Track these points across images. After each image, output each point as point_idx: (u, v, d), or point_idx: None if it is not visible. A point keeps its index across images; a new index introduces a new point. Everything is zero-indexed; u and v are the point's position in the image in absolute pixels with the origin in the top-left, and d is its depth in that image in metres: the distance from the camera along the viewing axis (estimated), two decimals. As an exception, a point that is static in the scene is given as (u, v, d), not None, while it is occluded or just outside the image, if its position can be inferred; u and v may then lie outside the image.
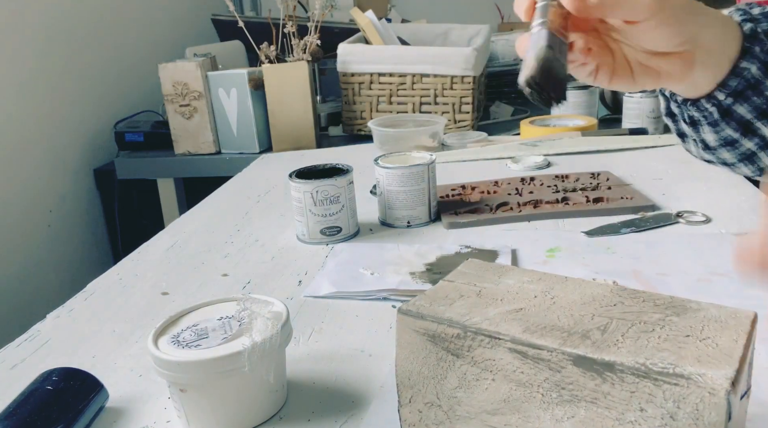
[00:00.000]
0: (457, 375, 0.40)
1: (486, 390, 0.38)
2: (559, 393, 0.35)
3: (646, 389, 0.32)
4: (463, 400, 0.40)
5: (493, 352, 0.37)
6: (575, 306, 0.40)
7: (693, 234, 0.79)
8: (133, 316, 0.70)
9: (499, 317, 0.39)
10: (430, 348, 0.40)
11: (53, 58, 1.57)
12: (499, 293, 0.42)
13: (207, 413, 0.48)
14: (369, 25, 1.50)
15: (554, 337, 0.36)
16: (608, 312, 0.38)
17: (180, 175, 1.58)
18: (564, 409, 0.35)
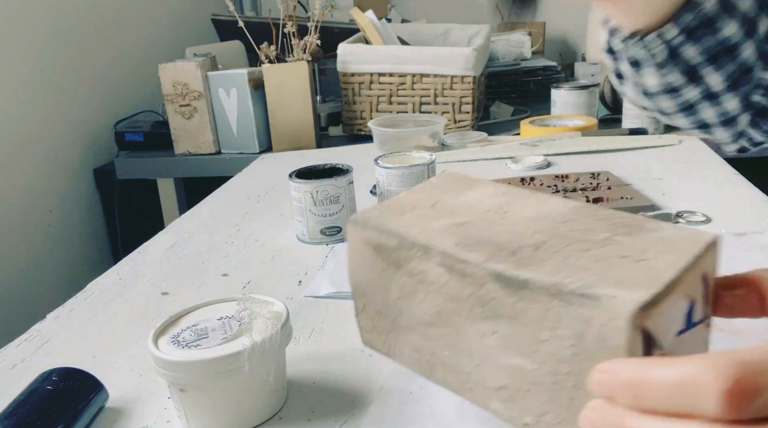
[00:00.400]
0: (398, 285, 0.39)
1: (422, 303, 0.38)
2: (483, 309, 0.35)
3: (556, 309, 0.31)
4: (404, 311, 0.40)
5: (426, 264, 0.37)
6: (523, 222, 0.38)
7: (693, 234, 0.79)
8: (133, 316, 0.70)
9: (439, 230, 0.38)
10: (374, 258, 0.40)
11: (53, 58, 1.57)
12: (453, 206, 0.42)
13: (207, 413, 0.48)
14: (369, 25, 1.50)
15: (482, 252, 0.35)
16: (553, 229, 0.37)
17: (180, 175, 1.58)
18: (488, 325, 0.35)
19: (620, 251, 0.33)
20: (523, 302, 0.33)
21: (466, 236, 0.37)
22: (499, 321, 0.34)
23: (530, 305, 0.32)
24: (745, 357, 0.25)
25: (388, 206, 0.42)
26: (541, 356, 0.32)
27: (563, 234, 0.36)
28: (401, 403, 0.51)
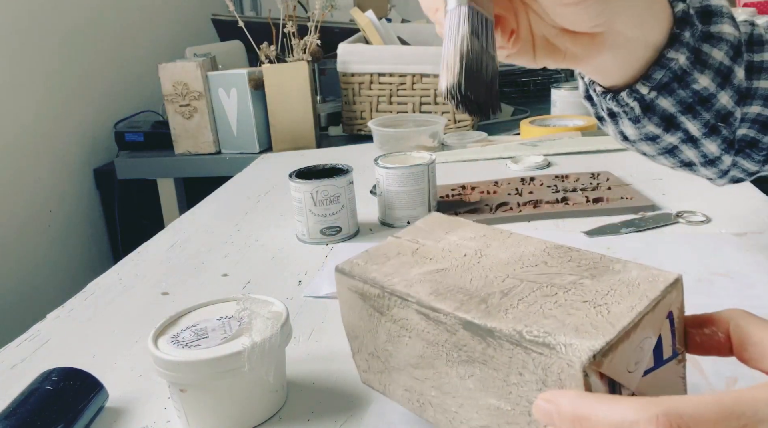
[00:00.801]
0: (385, 330, 0.42)
1: (406, 346, 0.40)
2: (458, 354, 0.37)
3: (520, 356, 0.33)
4: (392, 353, 0.42)
5: (405, 312, 0.39)
6: (497, 266, 0.40)
7: (693, 234, 0.79)
8: (133, 316, 0.70)
9: (417, 278, 0.40)
10: (361, 304, 0.43)
11: (53, 59, 1.57)
12: (433, 251, 0.44)
13: (207, 413, 0.48)
14: (369, 25, 1.50)
15: (454, 300, 0.37)
16: (524, 273, 0.39)
17: (180, 175, 1.58)
18: (465, 368, 0.37)
19: (583, 295, 0.35)
20: (491, 348, 0.35)
21: (441, 284, 0.39)
22: (474, 365, 0.36)
23: (497, 352, 0.34)
24: (682, 409, 0.27)
25: (374, 253, 0.45)
26: (514, 397, 0.34)
27: (532, 279, 0.38)
28: (401, 403, 0.51)
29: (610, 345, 0.31)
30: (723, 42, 0.50)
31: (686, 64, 0.49)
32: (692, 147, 0.56)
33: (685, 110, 0.52)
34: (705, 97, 0.52)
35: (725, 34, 0.50)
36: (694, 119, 0.53)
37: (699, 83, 0.51)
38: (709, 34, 0.50)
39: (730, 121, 0.54)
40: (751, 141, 0.57)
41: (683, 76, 0.50)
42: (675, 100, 0.51)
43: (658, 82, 0.50)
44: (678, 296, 0.35)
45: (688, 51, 0.49)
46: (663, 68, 0.49)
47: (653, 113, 0.53)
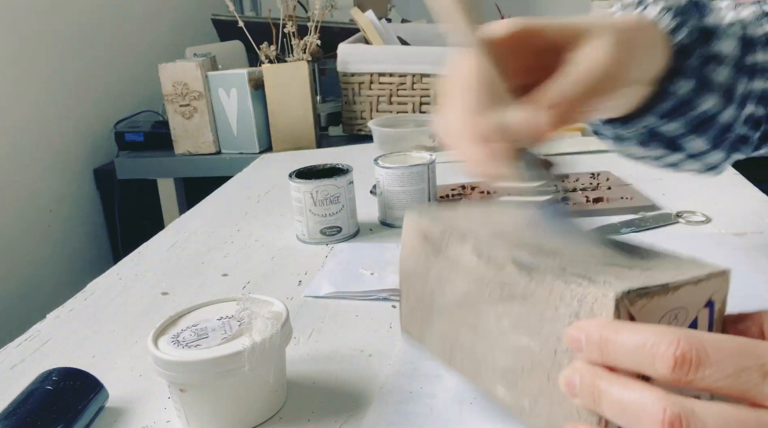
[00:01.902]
0: (436, 270, 0.44)
1: (453, 285, 0.43)
2: (501, 290, 0.39)
3: (559, 288, 0.35)
4: (437, 295, 0.45)
5: (461, 249, 0.42)
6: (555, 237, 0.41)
7: (693, 234, 0.79)
8: (133, 316, 0.70)
9: (479, 227, 0.44)
10: (422, 246, 0.46)
11: (53, 58, 1.57)
12: (499, 218, 0.46)
13: (207, 413, 0.48)
14: (369, 25, 1.50)
15: (508, 243, 0.40)
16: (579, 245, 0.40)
17: (180, 175, 1.58)
18: (504, 306, 0.39)
19: (630, 264, 0.37)
20: (534, 282, 0.36)
21: (500, 233, 0.42)
22: (513, 302, 0.38)
23: (539, 286, 0.36)
24: (702, 336, 0.29)
25: (444, 208, 0.49)
26: (545, 335, 0.36)
27: (584, 249, 0.40)
28: (401, 403, 0.51)
29: (646, 291, 0.32)
30: (724, 63, 0.50)
31: (691, 91, 0.49)
32: (695, 161, 0.57)
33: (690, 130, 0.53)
34: (709, 116, 0.52)
35: (724, 54, 0.50)
36: (699, 137, 0.54)
37: (704, 106, 0.51)
38: (710, 56, 0.50)
39: (732, 131, 0.54)
40: (741, 138, 0.57)
41: (688, 102, 0.50)
42: (681, 123, 0.52)
43: (667, 110, 0.50)
44: (722, 289, 0.36)
45: (695, 77, 0.49)
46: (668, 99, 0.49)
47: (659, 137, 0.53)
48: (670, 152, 0.55)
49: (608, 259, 0.37)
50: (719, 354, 0.28)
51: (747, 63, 0.52)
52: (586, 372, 0.31)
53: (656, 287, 0.32)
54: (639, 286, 0.32)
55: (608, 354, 0.30)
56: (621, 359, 0.30)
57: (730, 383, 0.28)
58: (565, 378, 0.32)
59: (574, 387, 0.32)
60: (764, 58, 0.53)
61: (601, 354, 0.31)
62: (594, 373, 0.31)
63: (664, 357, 0.28)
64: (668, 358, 0.28)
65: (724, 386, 0.28)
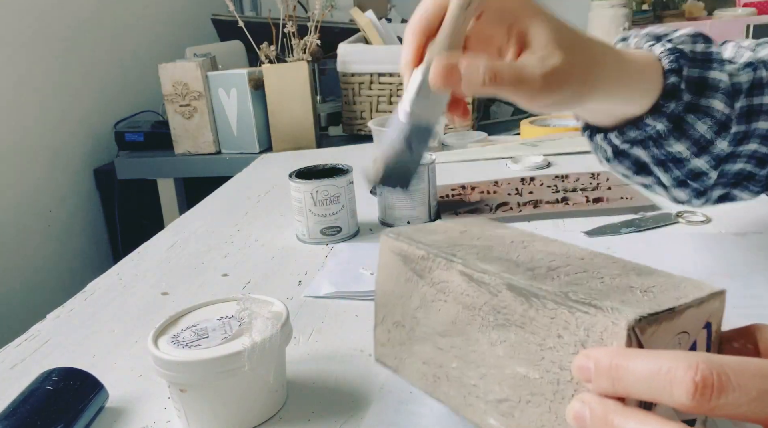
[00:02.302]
0: (419, 295, 0.42)
1: (439, 312, 0.41)
2: (495, 317, 0.37)
3: (563, 316, 0.33)
4: (421, 320, 0.42)
5: (448, 274, 0.40)
6: (543, 253, 0.41)
7: (693, 234, 0.79)
8: (133, 316, 0.70)
9: (464, 248, 0.42)
10: (401, 268, 0.44)
11: (53, 58, 1.57)
12: (480, 234, 0.45)
13: (207, 413, 0.48)
14: (369, 25, 1.50)
15: (500, 265, 0.38)
16: (570, 261, 0.39)
17: (180, 175, 1.58)
18: (498, 333, 0.37)
19: (629, 283, 0.35)
20: (533, 309, 0.35)
21: (487, 254, 0.40)
22: (509, 330, 0.36)
23: (539, 313, 0.34)
24: (720, 359, 0.27)
25: (420, 228, 0.47)
26: (546, 364, 0.34)
27: (578, 265, 0.38)
28: (401, 403, 0.51)
29: (655, 317, 0.31)
30: (709, 117, 0.50)
31: (663, 130, 0.50)
32: (663, 190, 0.58)
33: (657, 163, 0.53)
34: (679, 159, 0.53)
35: (713, 109, 0.51)
36: (665, 172, 0.54)
37: (674, 148, 0.52)
38: (697, 106, 0.50)
39: (703, 179, 0.55)
40: (748, 175, 0.58)
41: (658, 139, 0.51)
42: (648, 154, 0.53)
43: (632, 138, 0.51)
44: (719, 311, 0.35)
45: (667, 121, 0.50)
46: (638, 130, 0.50)
47: (626, 158, 0.54)
48: (634, 174, 0.56)
49: (605, 278, 0.36)
50: (741, 377, 0.26)
51: (754, 104, 0.53)
52: (597, 405, 0.29)
53: (664, 313, 0.31)
54: (649, 312, 0.31)
55: (620, 382, 0.28)
56: (634, 387, 0.28)
57: (753, 407, 0.26)
58: (574, 412, 0.30)
59: (584, 421, 0.29)
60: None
61: (612, 384, 0.29)
62: (606, 407, 0.29)
63: (683, 383, 0.26)
64: (688, 384, 0.26)
65: (747, 411, 0.26)
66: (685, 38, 0.51)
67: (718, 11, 2.34)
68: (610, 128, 0.52)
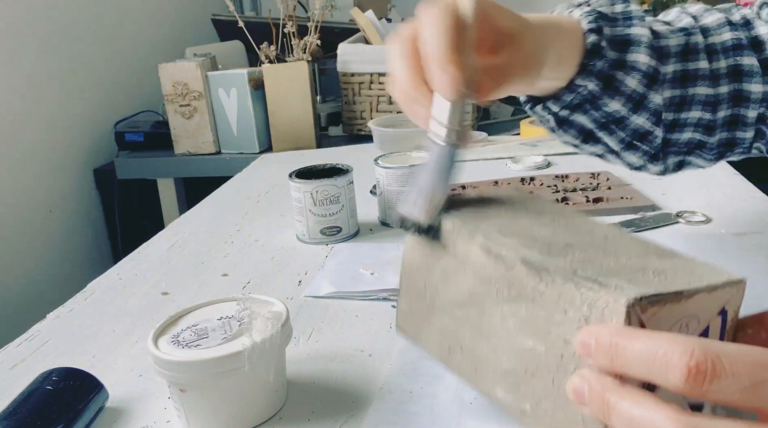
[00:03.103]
0: (441, 266, 0.43)
1: (458, 283, 0.42)
2: (509, 290, 0.38)
3: (570, 291, 0.34)
4: (441, 291, 0.43)
5: (469, 246, 0.41)
6: (565, 230, 0.41)
7: (693, 234, 0.79)
8: (133, 316, 0.70)
9: (490, 220, 0.42)
10: (427, 240, 0.44)
11: (53, 59, 1.57)
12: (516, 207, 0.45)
13: (207, 413, 0.48)
14: (369, 25, 1.50)
15: (518, 240, 0.39)
16: (592, 239, 0.39)
17: (180, 175, 1.58)
18: (510, 307, 0.38)
19: (645, 264, 0.36)
20: (543, 283, 0.35)
21: (510, 228, 0.41)
22: (521, 303, 0.37)
23: (549, 288, 0.35)
24: (718, 346, 0.27)
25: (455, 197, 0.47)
26: (552, 338, 0.35)
27: (598, 244, 0.39)
28: (401, 403, 0.51)
29: (659, 298, 0.31)
30: (636, 71, 0.52)
31: (596, 90, 0.52)
32: (615, 157, 0.59)
33: (600, 127, 0.55)
34: (618, 118, 0.54)
35: (640, 63, 0.52)
36: (610, 135, 0.55)
37: (610, 107, 0.53)
38: (623, 62, 0.52)
39: (649, 139, 0.56)
40: (698, 143, 0.59)
41: (594, 100, 0.52)
42: (590, 118, 0.54)
43: (568, 103, 0.52)
44: (737, 299, 0.35)
45: (597, 79, 0.51)
46: (572, 93, 0.52)
47: (570, 127, 0.55)
48: (583, 143, 0.57)
49: (621, 258, 0.36)
50: (735, 365, 0.27)
51: (689, 69, 0.54)
52: (596, 382, 0.30)
53: (669, 295, 0.31)
54: (652, 293, 0.31)
55: (618, 360, 0.29)
56: (631, 366, 0.29)
57: (746, 396, 0.27)
58: (574, 386, 0.31)
59: (582, 396, 0.31)
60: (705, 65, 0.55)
61: (610, 361, 0.30)
62: (603, 384, 0.30)
63: (678, 367, 0.27)
64: (682, 368, 0.27)
65: (740, 399, 0.27)
66: (603, 1, 0.53)
67: (718, 11, 2.34)
68: (547, 97, 0.54)
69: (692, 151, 0.59)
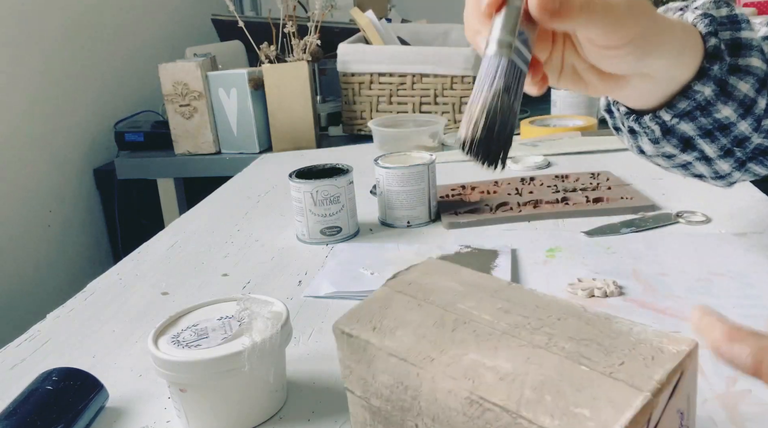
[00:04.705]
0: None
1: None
2: None
3: None
4: None
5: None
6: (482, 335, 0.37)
7: (693, 234, 0.79)
8: (133, 316, 0.70)
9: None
10: None
11: (53, 59, 1.57)
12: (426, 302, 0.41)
13: (207, 413, 0.48)
14: (369, 25, 1.50)
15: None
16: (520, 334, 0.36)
17: (180, 175, 1.58)
18: None
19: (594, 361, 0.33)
20: None
21: None
22: None
23: None
24: None
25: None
26: None
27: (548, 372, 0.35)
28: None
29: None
30: (750, 75, 0.51)
31: (711, 95, 0.50)
32: (705, 164, 0.58)
33: (704, 134, 0.53)
34: (725, 125, 0.53)
35: (753, 67, 0.51)
36: (711, 142, 0.54)
37: (721, 113, 0.51)
38: (737, 66, 0.51)
39: (746, 145, 0.55)
40: (765, 149, 0.58)
41: (707, 106, 0.51)
42: (696, 126, 0.52)
43: (681, 110, 0.51)
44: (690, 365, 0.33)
45: (714, 84, 0.49)
46: (688, 99, 0.50)
47: (672, 136, 0.54)
48: (681, 152, 0.55)
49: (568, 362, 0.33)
50: None
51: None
52: None
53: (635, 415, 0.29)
54: None
55: None
56: None
57: None
58: None
59: None
60: None
61: None
62: None
63: None
64: None
65: None
66: (709, 5, 0.52)
67: (718, 11, 2.34)
68: (652, 108, 0.52)
69: (756, 157, 0.58)
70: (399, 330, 0.39)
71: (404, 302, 0.41)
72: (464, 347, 0.36)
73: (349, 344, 0.40)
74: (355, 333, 0.39)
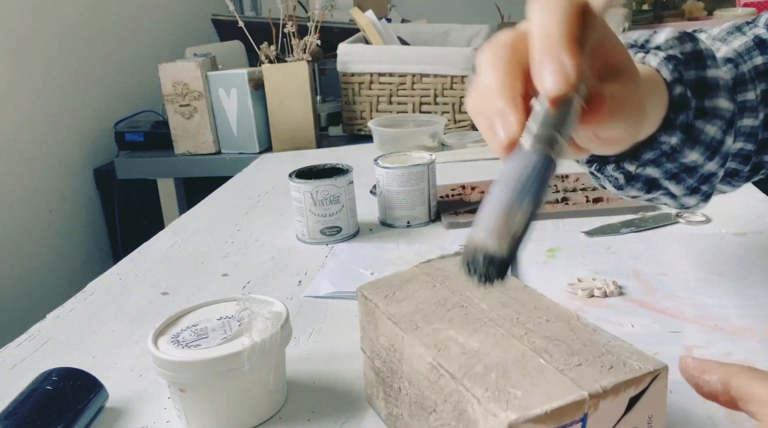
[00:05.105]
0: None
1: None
2: None
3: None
4: None
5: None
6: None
7: (693, 234, 0.79)
8: (133, 316, 0.70)
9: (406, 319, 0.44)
10: None
11: (53, 59, 1.57)
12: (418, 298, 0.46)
13: (207, 413, 0.48)
14: (369, 25, 1.50)
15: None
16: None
17: (180, 175, 1.58)
18: None
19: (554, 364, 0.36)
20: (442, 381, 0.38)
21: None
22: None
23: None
24: None
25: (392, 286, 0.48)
26: None
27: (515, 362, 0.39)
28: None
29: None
30: (717, 118, 0.48)
31: (677, 143, 0.48)
32: (671, 199, 0.56)
33: (669, 177, 0.51)
34: (692, 167, 0.51)
35: (721, 109, 0.48)
36: (677, 184, 0.52)
37: (688, 158, 0.49)
38: (703, 109, 0.48)
39: (712, 180, 0.53)
40: (732, 171, 0.57)
41: (672, 153, 0.49)
42: (661, 171, 0.50)
43: (646, 160, 0.48)
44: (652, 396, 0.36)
45: (680, 132, 0.47)
46: (653, 150, 0.48)
47: (637, 181, 0.51)
48: (646, 193, 0.54)
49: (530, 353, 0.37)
50: None
51: (737, 100, 0.51)
52: None
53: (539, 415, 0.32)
54: None
55: None
56: None
57: None
58: None
59: None
60: (753, 96, 0.52)
61: None
62: None
63: None
64: None
65: None
66: (672, 42, 0.49)
67: (718, 11, 2.34)
68: (616, 156, 0.49)
69: (724, 178, 0.57)
70: (405, 301, 0.45)
71: (422, 282, 0.47)
72: (449, 324, 0.41)
73: (364, 306, 0.47)
74: (370, 296, 0.46)
